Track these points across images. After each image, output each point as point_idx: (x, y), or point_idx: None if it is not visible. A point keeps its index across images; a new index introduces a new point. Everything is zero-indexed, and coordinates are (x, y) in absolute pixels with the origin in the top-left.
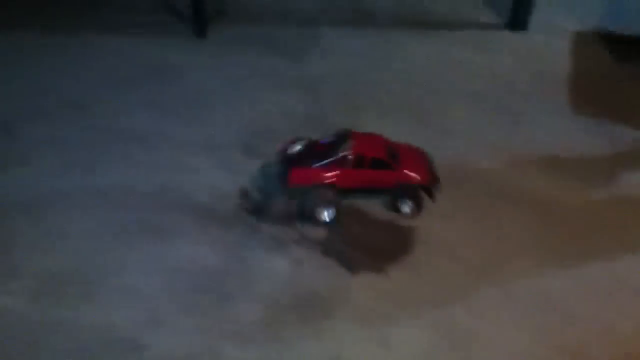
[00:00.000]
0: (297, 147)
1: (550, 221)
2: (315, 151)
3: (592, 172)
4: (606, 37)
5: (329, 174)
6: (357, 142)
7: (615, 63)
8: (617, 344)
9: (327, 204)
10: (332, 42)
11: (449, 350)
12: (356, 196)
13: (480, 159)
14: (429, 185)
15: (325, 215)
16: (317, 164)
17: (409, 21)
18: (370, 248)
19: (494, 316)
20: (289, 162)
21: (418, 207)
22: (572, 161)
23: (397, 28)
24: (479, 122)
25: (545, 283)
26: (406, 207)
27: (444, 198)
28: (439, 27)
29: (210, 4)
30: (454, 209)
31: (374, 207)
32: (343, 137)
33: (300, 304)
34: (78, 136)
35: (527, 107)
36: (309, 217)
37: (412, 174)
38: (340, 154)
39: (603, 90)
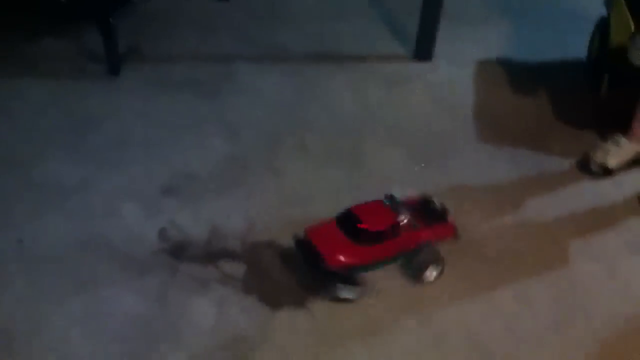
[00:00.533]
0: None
1: (461, 248)
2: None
3: (500, 198)
4: (506, 66)
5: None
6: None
7: (515, 92)
8: None
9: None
10: (248, 78)
11: None
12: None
13: (399, 195)
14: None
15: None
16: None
17: (321, 55)
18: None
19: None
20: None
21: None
22: (483, 188)
23: (311, 62)
24: (396, 159)
25: (460, 310)
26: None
27: None
28: (350, 60)
29: (123, 43)
30: None
31: None
32: (350, 216)
33: (226, 347)
34: (1, 193)
35: (440, 142)
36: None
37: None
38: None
39: (506, 118)
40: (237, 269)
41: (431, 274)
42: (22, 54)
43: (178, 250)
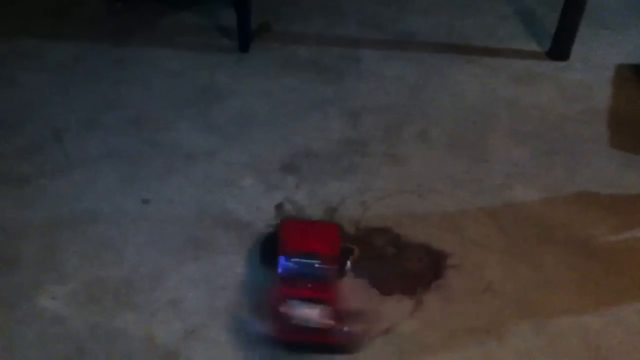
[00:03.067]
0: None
1: (588, 258)
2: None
3: (631, 209)
4: None
5: None
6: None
7: None
8: None
9: None
10: (373, 64)
11: None
12: None
13: (520, 194)
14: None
15: None
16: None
17: (449, 46)
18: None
19: (526, 351)
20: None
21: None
22: (612, 198)
23: (437, 52)
24: (521, 157)
25: (582, 320)
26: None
27: (482, 227)
28: (479, 53)
29: (254, 21)
30: (491, 239)
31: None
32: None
33: None
34: (130, 151)
35: (570, 145)
36: None
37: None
38: None
39: None
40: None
41: None
42: (160, 26)
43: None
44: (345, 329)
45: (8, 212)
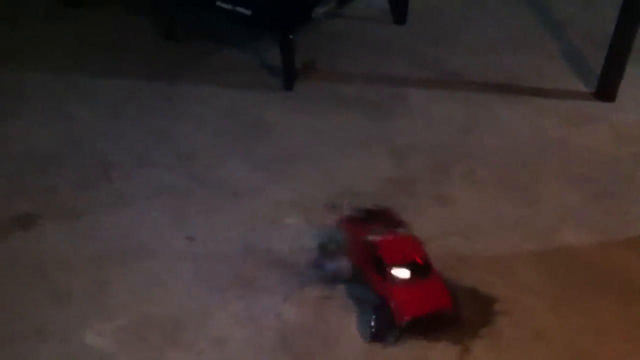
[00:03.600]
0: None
1: (635, 306)
2: None
3: None
4: None
5: None
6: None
7: None
8: None
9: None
10: (419, 102)
11: None
12: None
13: (572, 238)
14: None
15: None
16: None
17: (496, 85)
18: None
19: None
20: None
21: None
22: None
23: (485, 92)
24: (573, 200)
25: None
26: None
27: (532, 272)
28: (527, 93)
29: (300, 59)
30: (541, 285)
31: None
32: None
33: None
34: (178, 187)
35: (624, 188)
36: None
37: None
38: None
39: None
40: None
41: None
42: (209, 64)
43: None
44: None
45: (60, 246)
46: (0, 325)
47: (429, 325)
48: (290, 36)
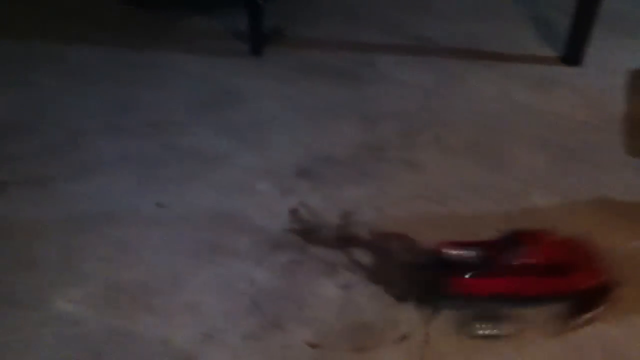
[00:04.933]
0: (464, 253)
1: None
2: (482, 256)
3: None
4: None
5: (494, 284)
6: (529, 247)
7: None
8: None
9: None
10: (389, 69)
11: None
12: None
13: (539, 201)
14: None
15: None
16: (481, 273)
17: (466, 52)
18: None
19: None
20: (449, 265)
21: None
22: (630, 205)
23: (455, 58)
24: (540, 164)
25: (602, 329)
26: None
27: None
28: (496, 59)
29: (269, 25)
30: None
31: None
32: (513, 240)
33: (351, 330)
34: (146, 154)
35: (590, 151)
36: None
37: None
38: (510, 262)
39: None
40: (365, 257)
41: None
42: (177, 31)
43: (308, 232)
44: None
45: (25, 214)
46: None
47: None
48: (258, 2)
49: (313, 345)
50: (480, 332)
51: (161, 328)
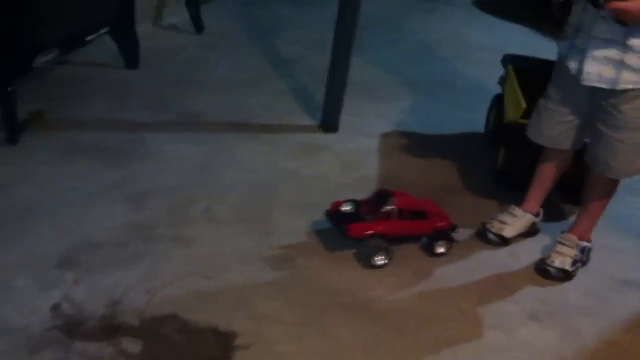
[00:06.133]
0: (348, 207)
1: (371, 319)
2: (362, 209)
3: (403, 268)
4: (410, 137)
5: (380, 226)
6: (397, 199)
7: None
8: None
9: (381, 251)
10: (157, 145)
11: None
12: (399, 243)
13: (305, 262)
14: (451, 229)
15: (379, 260)
16: (369, 218)
17: (233, 124)
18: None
19: None
20: (342, 218)
21: (450, 247)
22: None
23: (222, 132)
24: (302, 226)
25: None
26: (441, 248)
27: (271, 301)
28: (261, 130)
29: (25, 109)
30: (280, 312)
31: None
32: (385, 195)
33: None
34: None
35: None
36: (366, 263)
37: (442, 222)
38: (387, 208)
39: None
40: (134, 345)
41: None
42: None
43: (72, 327)
44: None
45: None
46: None
47: None
48: (9, 88)
49: None
50: (378, 262)
51: None
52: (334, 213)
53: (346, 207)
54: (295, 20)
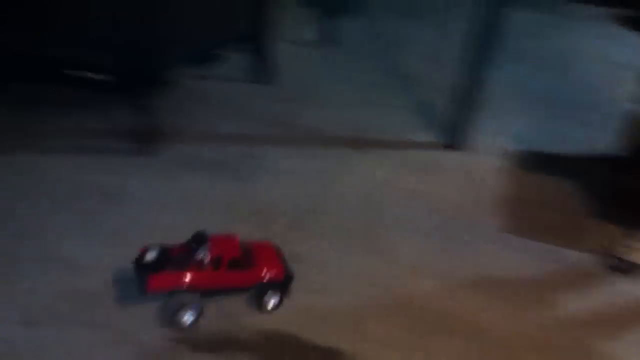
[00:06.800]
0: (152, 254)
1: (484, 345)
2: (171, 256)
3: (523, 294)
4: (534, 157)
5: (187, 279)
6: (213, 244)
7: (541, 183)
8: None
9: (186, 308)
10: (274, 162)
11: None
12: (219, 297)
13: (418, 287)
14: (285, 281)
15: (186, 319)
16: (174, 269)
17: (352, 141)
18: None
19: None
20: (145, 269)
21: (281, 301)
22: (504, 283)
23: (340, 148)
24: (423, 249)
25: None
26: (270, 303)
27: (385, 326)
28: (382, 146)
29: (154, 122)
30: (393, 337)
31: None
32: (199, 240)
33: None
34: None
35: (463, 231)
36: (170, 322)
37: (271, 272)
38: (199, 257)
39: (530, 209)
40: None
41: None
42: (53, 131)
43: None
44: None
45: None
46: None
47: None
48: (144, 100)
49: None
50: (182, 320)
51: None
52: (139, 261)
53: (151, 255)
54: (415, 36)
